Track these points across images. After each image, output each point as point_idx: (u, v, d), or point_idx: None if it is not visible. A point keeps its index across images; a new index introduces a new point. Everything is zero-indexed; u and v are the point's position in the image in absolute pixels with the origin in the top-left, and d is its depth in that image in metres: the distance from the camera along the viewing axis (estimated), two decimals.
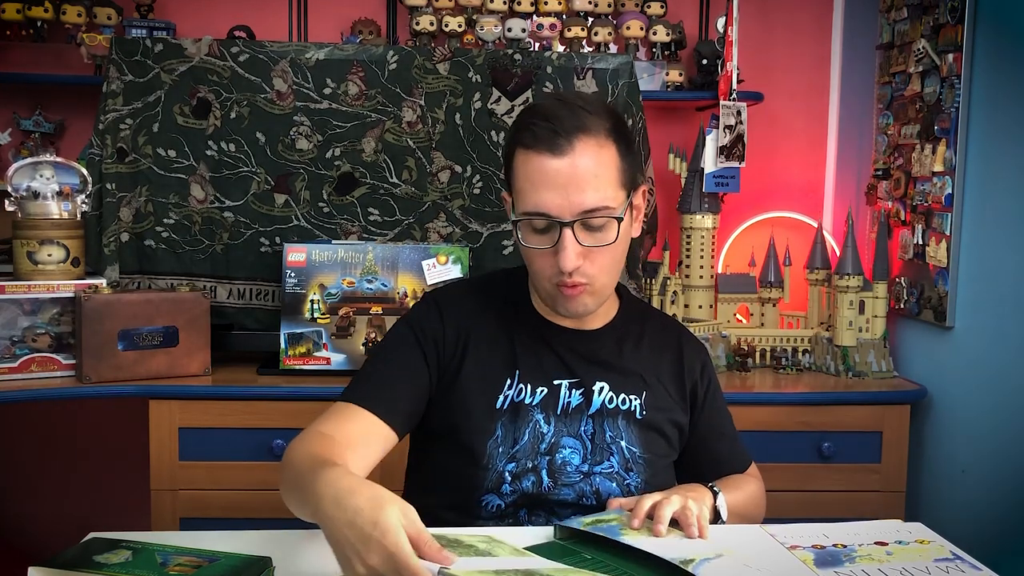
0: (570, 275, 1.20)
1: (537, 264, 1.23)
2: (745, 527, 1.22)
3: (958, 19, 2.12)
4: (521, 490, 1.25)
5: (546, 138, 1.18)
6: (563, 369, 1.30)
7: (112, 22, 2.55)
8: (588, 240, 1.20)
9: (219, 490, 2.12)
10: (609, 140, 1.21)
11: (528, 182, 1.20)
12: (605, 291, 1.27)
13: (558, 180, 1.17)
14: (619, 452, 1.28)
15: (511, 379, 1.28)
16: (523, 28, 2.57)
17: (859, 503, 2.19)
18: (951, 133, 2.16)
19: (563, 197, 1.17)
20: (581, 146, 1.18)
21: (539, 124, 1.19)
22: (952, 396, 2.22)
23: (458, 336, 1.30)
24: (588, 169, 1.18)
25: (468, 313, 1.32)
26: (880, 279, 2.38)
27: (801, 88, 2.82)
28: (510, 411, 1.27)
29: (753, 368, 2.44)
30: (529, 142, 1.19)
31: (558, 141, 1.17)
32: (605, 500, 1.26)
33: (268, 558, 1.01)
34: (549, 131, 1.18)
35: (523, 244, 1.23)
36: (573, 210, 1.18)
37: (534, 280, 1.28)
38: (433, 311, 1.32)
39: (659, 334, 1.40)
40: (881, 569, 1.06)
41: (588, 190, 1.18)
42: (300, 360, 2.25)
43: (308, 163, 2.38)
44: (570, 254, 1.18)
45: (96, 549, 1.00)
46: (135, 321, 2.12)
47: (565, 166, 1.17)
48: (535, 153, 1.19)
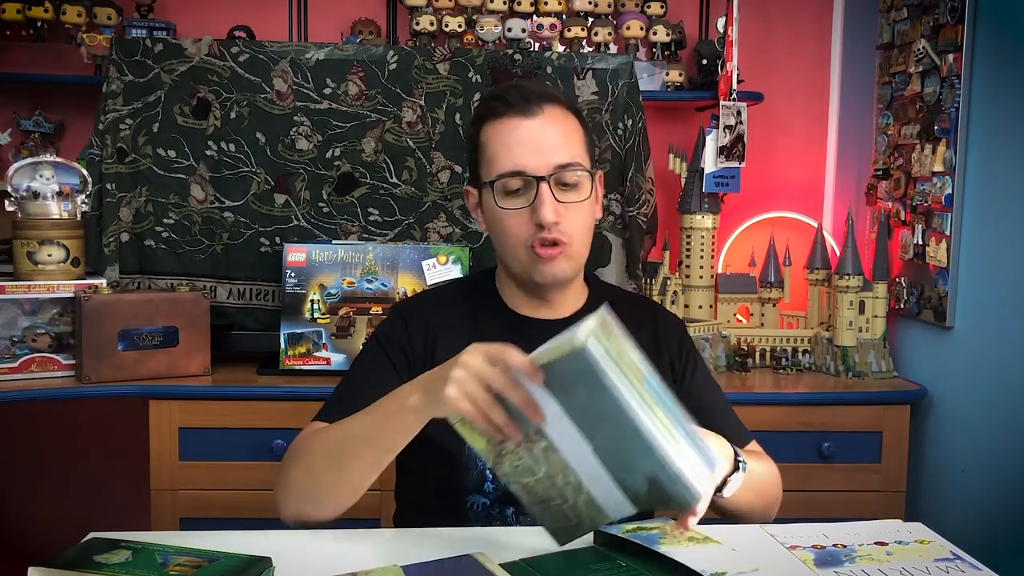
0: (548, 230, 1.21)
1: (512, 229, 1.24)
2: (745, 527, 1.22)
3: (958, 19, 2.12)
4: (503, 487, 1.25)
5: (517, 103, 1.23)
6: None
7: (112, 22, 2.55)
8: (563, 197, 1.22)
9: (219, 490, 2.12)
10: (572, 113, 1.28)
11: (502, 145, 1.23)
12: (579, 257, 1.28)
13: (532, 138, 1.22)
14: None
15: None
16: (523, 28, 2.57)
17: (859, 503, 2.19)
18: (951, 133, 2.16)
19: (537, 154, 1.21)
20: (550, 110, 1.24)
21: (509, 93, 1.25)
22: (952, 396, 2.22)
23: (425, 341, 1.30)
24: (558, 129, 1.24)
25: (434, 317, 1.33)
26: (880, 279, 2.38)
27: (801, 88, 2.82)
28: None
29: (753, 368, 2.44)
30: (500, 110, 1.24)
31: (529, 105, 1.23)
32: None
33: (268, 558, 1.01)
34: (519, 96, 1.24)
35: (499, 208, 1.24)
36: (548, 165, 1.21)
37: (508, 252, 1.27)
38: (398, 322, 1.33)
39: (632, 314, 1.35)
40: (881, 569, 1.06)
41: (561, 147, 1.23)
42: (300, 360, 2.25)
43: (308, 163, 2.38)
44: (548, 205, 1.20)
45: (96, 549, 1.00)
46: (135, 321, 2.12)
47: (537, 126, 1.22)
48: (507, 118, 1.23)
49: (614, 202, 2.44)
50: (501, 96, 1.26)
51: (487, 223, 1.30)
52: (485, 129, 1.26)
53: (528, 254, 1.24)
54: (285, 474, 1.20)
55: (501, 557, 1.06)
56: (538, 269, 1.25)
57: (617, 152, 2.43)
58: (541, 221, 1.20)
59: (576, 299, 1.35)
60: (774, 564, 1.08)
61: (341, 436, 1.15)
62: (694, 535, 1.12)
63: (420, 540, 1.14)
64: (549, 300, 1.32)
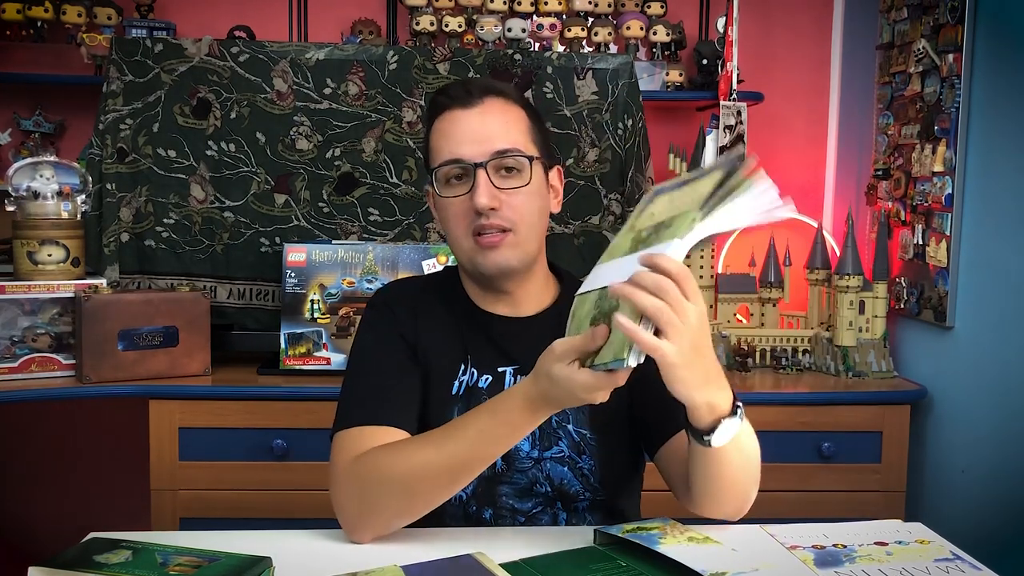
0: (487, 216, 1.21)
1: (453, 219, 1.24)
2: (745, 528, 1.22)
3: (958, 19, 2.12)
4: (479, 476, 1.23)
5: (457, 95, 1.25)
6: (505, 357, 1.29)
7: (112, 22, 2.55)
8: (502, 183, 1.22)
9: (219, 490, 2.12)
10: (517, 104, 1.28)
11: (442, 137, 1.25)
12: (527, 244, 1.25)
13: (470, 126, 1.23)
14: (567, 436, 1.27)
15: (464, 364, 1.29)
16: (523, 28, 2.57)
17: (859, 503, 2.19)
18: (951, 133, 2.16)
19: (474, 142, 1.22)
20: (490, 102, 1.25)
21: (451, 88, 1.27)
22: (952, 396, 2.22)
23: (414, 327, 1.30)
24: (497, 119, 1.24)
25: (416, 304, 1.32)
26: (880, 279, 2.37)
27: (801, 88, 2.82)
28: (465, 396, 1.27)
29: (753, 368, 2.44)
30: (443, 104, 1.26)
31: (468, 97, 1.25)
32: (558, 485, 1.26)
33: (268, 558, 1.01)
34: (460, 89, 1.26)
35: (440, 197, 1.25)
36: (485, 152, 1.22)
37: (454, 244, 1.27)
38: (386, 310, 1.32)
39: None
40: (881, 569, 1.06)
41: (498, 135, 1.23)
42: (300, 360, 2.25)
43: (308, 163, 2.38)
44: (483, 190, 1.20)
45: (96, 549, 1.00)
46: (135, 321, 2.12)
47: (475, 115, 1.24)
48: (448, 111, 1.25)
49: (614, 202, 2.45)
50: (444, 91, 1.28)
51: (437, 218, 1.30)
52: (433, 125, 1.28)
53: (471, 243, 1.24)
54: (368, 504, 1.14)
55: (501, 557, 1.06)
56: (481, 258, 1.24)
57: (617, 152, 2.43)
58: (477, 207, 1.20)
59: (541, 296, 1.33)
60: (774, 564, 1.08)
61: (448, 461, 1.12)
62: (694, 535, 1.12)
63: (419, 540, 1.14)
64: (508, 293, 1.30)
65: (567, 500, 1.27)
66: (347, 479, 1.16)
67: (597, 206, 2.44)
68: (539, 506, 1.27)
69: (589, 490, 1.27)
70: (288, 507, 2.10)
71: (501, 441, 1.11)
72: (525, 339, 1.28)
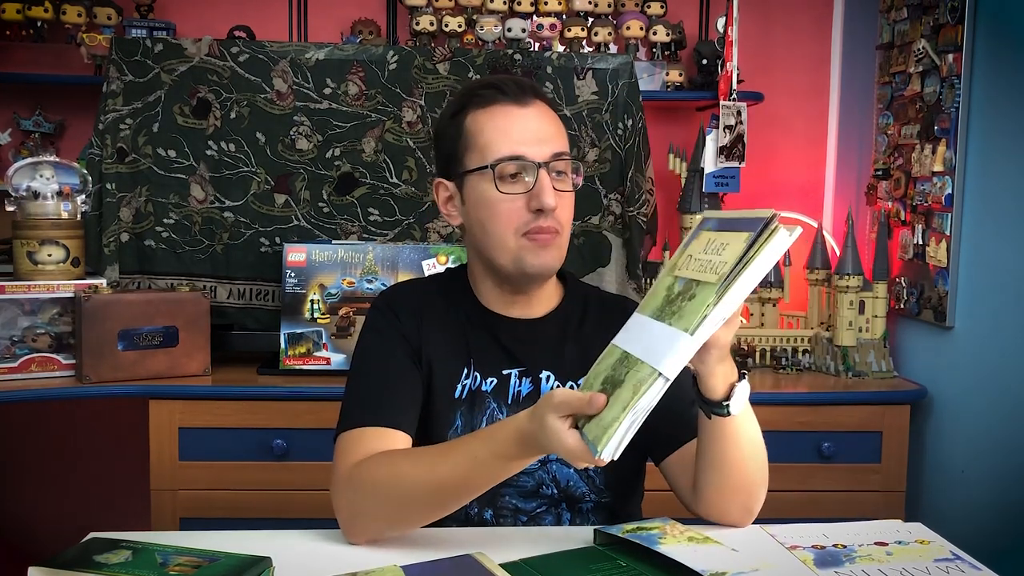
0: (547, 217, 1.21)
1: (505, 216, 1.22)
2: (745, 528, 1.22)
3: (958, 19, 2.12)
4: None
5: (512, 91, 1.24)
6: (511, 359, 1.29)
7: (112, 22, 2.55)
8: (557, 185, 1.23)
9: (219, 490, 2.12)
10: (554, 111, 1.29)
11: (499, 132, 1.23)
12: (564, 249, 1.27)
13: (529, 125, 1.23)
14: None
15: (467, 368, 1.28)
16: (523, 28, 2.57)
17: (859, 503, 2.19)
18: (951, 133, 2.16)
19: (536, 140, 1.22)
20: (540, 102, 1.27)
21: (503, 83, 1.26)
22: (952, 396, 2.22)
23: (417, 329, 1.29)
24: (549, 120, 1.26)
25: (420, 307, 1.31)
26: (880, 279, 2.37)
27: (801, 88, 2.82)
28: (468, 400, 1.27)
29: (753, 368, 2.44)
30: (493, 97, 1.24)
31: (523, 95, 1.25)
32: (564, 487, 1.26)
33: (268, 558, 1.01)
34: (515, 86, 1.25)
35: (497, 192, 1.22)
36: (545, 152, 1.22)
37: (496, 242, 1.24)
38: (389, 312, 1.31)
39: (603, 310, 1.37)
40: (881, 569, 1.06)
41: (556, 137, 1.25)
42: (300, 360, 2.25)
43: (308, 163, 2.38)
44: (550, 191, 1.20)
45: (96, 549, 1.00)
46: (135, 321, 2.12)
47: (533, 114, 1.24)
48: (500, 105, 1.24)
49: (614, 202, 2.44)
50: (494, 85, 1.25)
51: (471, 213, 1.26)
52: (473, 117, 1.24)
53: (519, 242, 1.22)
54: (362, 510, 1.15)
55: (501, 557, 1.06)
56: (532, 257, 1.23)
57: (617, 152, 2.43)
58: (542, 206, 1.19)
59: (551, 298, 1.33)
60: (774, 564, 1.08)
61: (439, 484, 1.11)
62: (694, 535, 1.12)
63: (420, 540, 1.14)
64: (527, 295, 1.30)
65: (572, 501, 1.27)
66: (344, 484, 1.16)
67: (597, 206, 2.44)
68: (543, 507, 1.27)
69: (594, 492, 1.27)
70: (288, 507, 2.10)
71: (492, 472, 1.10)
72: (530, 341, 1.30)
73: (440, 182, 1.30)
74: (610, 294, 1.48)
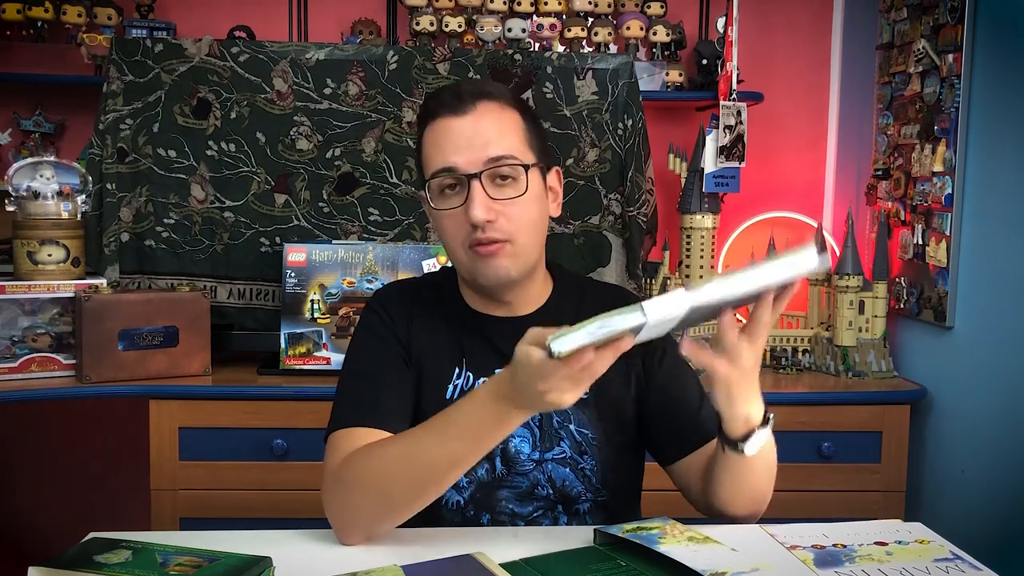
0: (483, 229, 1.17)
1: (450, 230, 1.21)
2: (745, 528, 1.22)
3: (958, 19, 2.12)
4: (477, 480, 1.24)
5: (448, 102, 1.21)
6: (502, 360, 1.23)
7: (112, 22, 2.55)
8: (497, 193, 1.18)
9: (219, 490, 2.12)
10: (511, 107, 1.23)
11: (434, 146, 1.21)
12: (526, 254, 1.23)
13: (462, 135, 1.19)
14: (569, 436, 1.26)
15: (459, 368, 1.27)
16: (523, 28, 2.57)
17: (859, 503, 2.19)
18: (951, 133, 2.16)
19: (467, 151, 1.18)
20: (483, 107, 1.20)
21: (442, 94, 1.23)
22: (952, 396, 2.22)
23: (409, 330, 1.29)
24: (490, 125, 1.20)
25: (412, 308, 1.31)
26: (880, 279, 2.38)
27: (801, 88, 2.82)
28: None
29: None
30: (435, 111, 1.22)
31: (460, 104, 1.20)
32: (560, 487, 1.25)
33: (268, 558, 1.01)
34: (452, 96, 1.21)
35: (434, 210, 1.22)
36: (478, 161, 1.18)
37: (451, 254, 1.24)
38: (382, 312, 1.30)
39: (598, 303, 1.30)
40: (881, 569, 1.06)
41: (492, 142, 1.19)
42: (300, 360, 2.25)
43: (308, 163, 2.38)
44: (479, 203, 1.16)
45: (96, 549, 1.00)
46: (135, 321, 2.12)
47: (468, 123, 1.19)
48: (439, 119, 1.21)
49: (614, 202, 2.44)
50: (435, 96, 1.24)
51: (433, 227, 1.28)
52: (425, 132, 1.24)
53: (468, 255, 1.21)
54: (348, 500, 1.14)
55: (501, 557, 1.06)
56: (479, 269, 1.21)
57: (617, 152, 2.43)
58: (473, 220, 1.16)
59: (538, 296, 1.31)
60: (774, 564, 1.08)
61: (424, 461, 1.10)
62: (694, 535, 1.12)
63: (419, 540, 1.14)
64: (506, 299, 1.28)
65: (568, 502, 1.27)
66: (332, 483, 1.16)
67: (597, 206, 2.44)
68: (540, 510, 1.26)
69: (591, 491, 1.27)
70: (288, 507, 2.10)
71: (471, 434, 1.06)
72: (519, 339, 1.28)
73: (421, 194, 1.30)
74: (603, 283, 1.46)
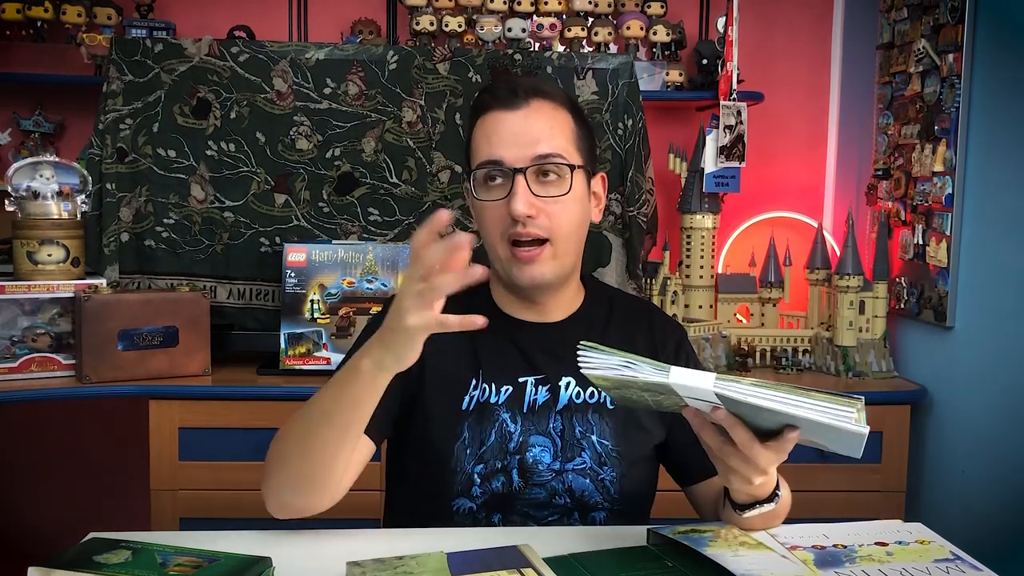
0: (523, 224, 1.17)
1: (490, 222, 1.21)
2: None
3: (958, 19, 2.12)
4: (491, 491, 1.23)
5: (503, 96, 1.21)
6: (527, 366, 1.27)
7: (112, 22, 2.55)
8: (541, 190, 1.19)
9: (219, 490, 2.12)
10: (564, 109, 1.24)
11: (483, 138, 1.21)
12: (566, 258, 1.23)
13: (512, 130, 1.19)
14: (590, 447, 1.25)
15: (475, 379, 1.26)
16: (523, 28, 2.57)
17: (859, 503, 2.19)
18: (951, 133, 2.16)
19: (516, 145, 1.19)
20: (536, 104, 1.21)
21: (497, 88, 1.24)
22: (952, 396, 2.21)
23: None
24: (542, 121, 1.20)
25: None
26: (880, 279, 2.37)
27: (801, 88, 2.82)
28: (476, 412, 1.24)
29: (753, 368, 2.43)
30: (488, 104, 1.22)
31: (515, 98, 1.21)
32: (579, 496, 1.24)
33: (268, 558, 1.01)
34: (507, 90, 1.22)
35: (476, 200, 1.22)
36: (525, 156, 1.18)
37: (489, 248, 1.24)
38: None
39: (627, 317, 1.35)
40: (881, 569, 1.06)
41: (542, 139, 1.19)
42: (300, 360, 2.25)
43: (308, 163, 2.38)
44: (521, 197, 1.17)
45: (96, 549, 1.00)
46: (135, 321, 2.12)
47: (519, 118, 1.20)
48: (492, 112, 1.22)
49: (614, 202, 2.44)
50: (490, 90, 1.24)
51: (474, 218, 1.27)
52: (476, 124, 1.24)
53: (507, 250, 1.21)
54: (266, 467, 1.15)
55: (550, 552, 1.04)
56: (517, 271, 1.21)
57: (617, 152, 2.43)
58: (513, 214, 1.16)
59: (571, 302, 1.31)
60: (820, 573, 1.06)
61: (306, 419, 1.09)
62: (747, 540, 1.10)
63: (420, 540, 1.14)
64: (541, 301, 1.28)
65: (585, 510, 1.25)
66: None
67: None
68: (555, 515, 1.25)
69: (608, 501, 1.26)
70: None
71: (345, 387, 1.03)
72: (550, 346, 1.27)
73: (465, 187, 1.30)
74: (633, 297, 1.46)
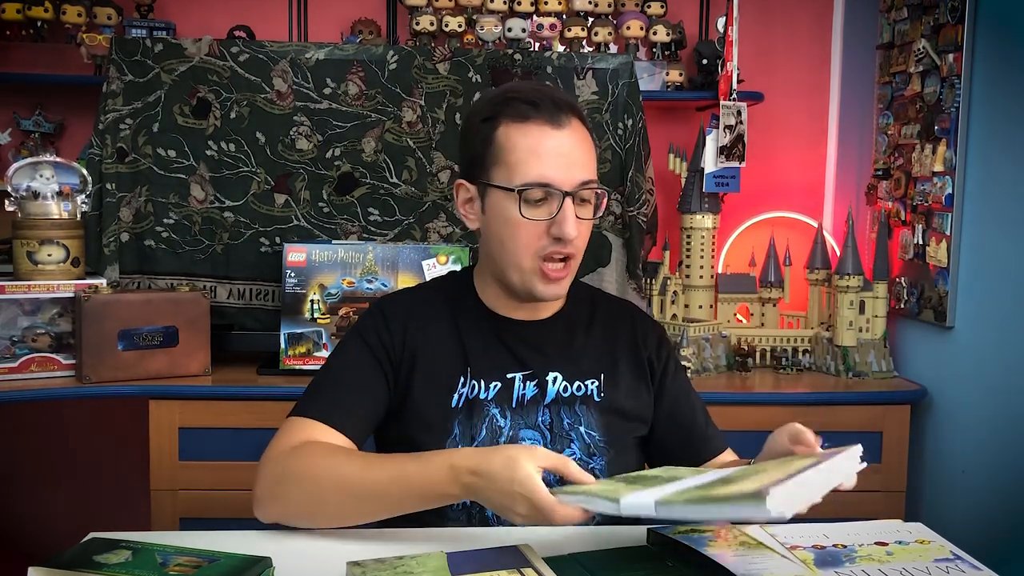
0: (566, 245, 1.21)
1: (525, 239, 1.22)
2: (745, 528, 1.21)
3: (958, 19, 2.12)
4: None
5: (548, 109, 1.21)
6: (515, 362, 1.29)
7: (112, 22, 2.55)
8: (579, 212, 1.23)
9: (219, 490, 2.12)
10: (587, 129, 1.27)
11: (530, 153, 1.21)
12: (575, 273, 1.29)
13: (560, 150, 1.21)
14: (579, 438, 1.28)
15: (464, 376, 1.28)
16: (523, 28, 2.57)
17: (859, 503, 2.18)
18: (951, 133, 2.16)
19: (565, 168, 1.21)
20: (575, 123, 1.23)
21: (539, 98, 1.22)
22: (952, 396, 2.21)
23: (405, 341, 1.29)
24: (582, 146, 1.24)
25: (413, 317, 1.31)
26: (880, 279, 2.37)
27: (801, 88, 2.82)
28: (465, 409, 1.27)
29: (753, 368, 2.44)
30: (527, 113, 1.21)
31: (558, 114, 1.21)
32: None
33: (268, 558, 1.01)
34: (551, 104, 1.21)
35: (520, 216, 1.21)
36: (573, 181, 1.21)
37: (511, 260, 1.24)
38: (380, 321, 1.31)
39: (610, 314, 1.39)
40: (881, 569, 1.06)
41: (583, 165, 1.23)
42: (300, 360, 2.24)
43: (308, 163, 2.38)
44: (571, 221, 1.20)
45: (96, 549, 1.00)
46: (135, 321, 2.12)
47: (565, 139, 1.22)
48: (534, 124, 1.21)
49: (614, 202, 2.44)
50: (529, 99, 1.22)
51: (490, 224, 1.26)
52: (505, 129, 1.22)
53: (535, 265, 1.23)
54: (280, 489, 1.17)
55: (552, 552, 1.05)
56: (543, 286, 1.25)
57: (617, 152, 2.43)
58: (562, 235, 1.20)
59: (557, 301, 1.34)
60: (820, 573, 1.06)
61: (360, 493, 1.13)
62: (747, 539, 1.10)
63: (420, 540, 1.14)
64: (531, 304, 1.31)
65: None
66: (274, 462, 1.19)
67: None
68: None
69: None
70: None
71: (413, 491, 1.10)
72: (537, 343, 1.31)
73: (462, 184, 1.29)
74: (615, 297, 1.49)
